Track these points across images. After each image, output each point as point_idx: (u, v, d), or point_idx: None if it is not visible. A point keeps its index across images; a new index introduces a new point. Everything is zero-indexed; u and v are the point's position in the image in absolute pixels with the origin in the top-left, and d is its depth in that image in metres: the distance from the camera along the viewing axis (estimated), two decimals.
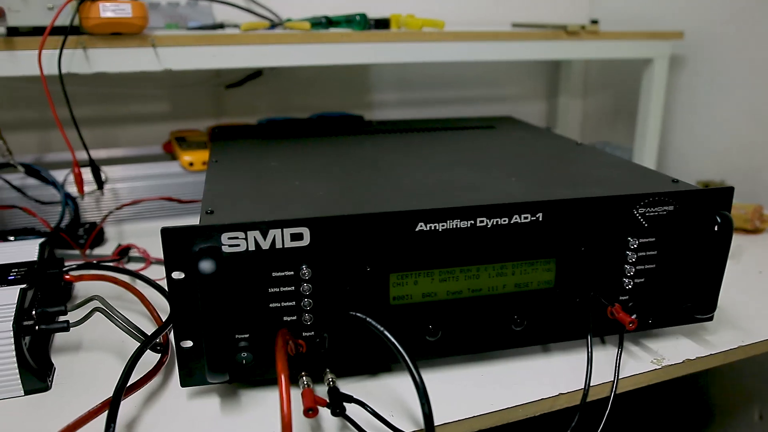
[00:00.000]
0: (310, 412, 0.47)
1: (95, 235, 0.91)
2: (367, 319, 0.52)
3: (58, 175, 0.96)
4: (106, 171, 1.01)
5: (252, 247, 0.52)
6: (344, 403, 0.50)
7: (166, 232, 0.50)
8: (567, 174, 0.68)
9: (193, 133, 1.15)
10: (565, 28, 1.11)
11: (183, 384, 0.54)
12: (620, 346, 0.61)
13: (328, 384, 0.51)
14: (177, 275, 0.51)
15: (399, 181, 0.65)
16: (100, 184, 0.92)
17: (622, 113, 1.43)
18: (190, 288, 0.51)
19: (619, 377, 0.58)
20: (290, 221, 0.52)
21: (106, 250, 0.92)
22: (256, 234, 0.51)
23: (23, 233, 0.88)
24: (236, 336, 0.54)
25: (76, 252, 0.87)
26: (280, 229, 0.52)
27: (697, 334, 0.66)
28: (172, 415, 0.54)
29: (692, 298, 0.62)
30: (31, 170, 0.96)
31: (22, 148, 1.12)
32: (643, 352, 0.63)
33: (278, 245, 0.52)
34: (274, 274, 0.53)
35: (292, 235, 0.52)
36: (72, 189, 0.94)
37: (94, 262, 0.76)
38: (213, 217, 0.53)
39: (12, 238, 0.85)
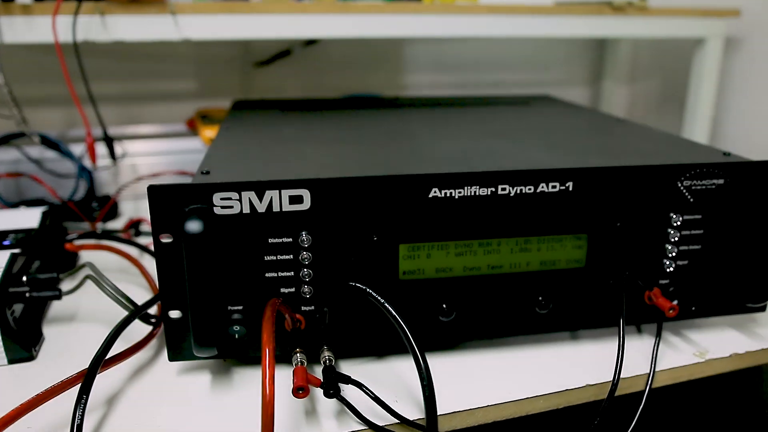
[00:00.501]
0: (300, 392, 0.42)
1: (109, 208, 0.87)
2: (368, 290, 0.47)
3: (79, 149, 0.94)
4: (125, 145, 0.98)
5: (247, 210, 0.47)
6: (341, 385, 0.45)
7: (153, 191, 0.46)
8: (604, 145, 0.61)
9: (218, 110, 1.12)
10: (610, 3, 1.04)
11: (171, 358, 0.50)
12: (658, 335, 0.54)
13: (324, 362, 0.46)
14: (165, 238, 0.47)
15: (417, 148, 0.59)
16: (113, 155, 0.89)
17: (671, 100, 1.34)
18: (179, 253, 0.47)
19: (656, 370, 0.52)
20: (289, 182, 0.47)
21: (120, 224, 0.88)
22: (251, 195, 0.47)
23: (34, 204, 0.86)
24: (228, 307, 0.49)
25: (88, 226, 0.84)
26: (277, 191, 0.47)
27: (747, 326, 0.59)
28: (158, 391, 0.49)
29: (742, 284, 0.55)
30: (50, 143, 0.94)
31: (49, 123, 1.10)
32: (684, 343, 0.56)
33: (275, 208, 0.47)
34: (270, 240, 0.48)
35: (291, 197, 0.47)
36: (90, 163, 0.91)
37: (99, 232, 0.72)
38: (207, 178, 0.48)
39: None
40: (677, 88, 1.31)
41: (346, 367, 0.52)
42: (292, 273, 0.49)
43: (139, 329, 0.55)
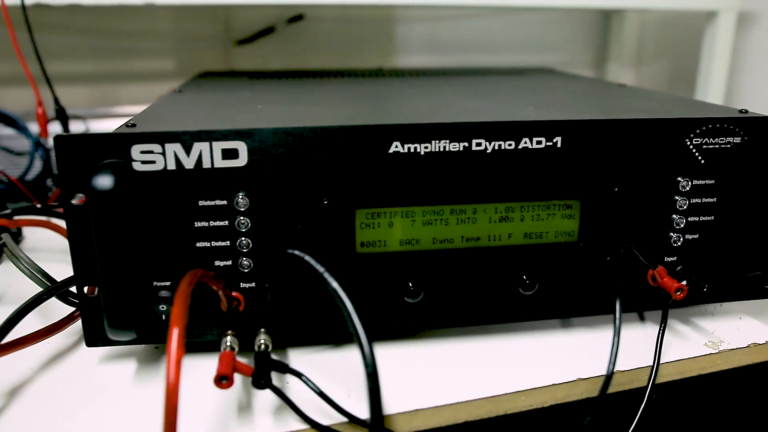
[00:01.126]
0: (224, 381, 0.34)
1: None
2: (306, 257, 0.39)
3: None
4: (100, 125, 0.92)
5: (172, 166, 0.39)
6: (285, 376, 0.37)
7: (60, 141, 0.38)
8: (602, 105, 0.53)
9: None
10: None
11: (88, 343, 0.43)
12: (663, 321, 0.46)
13: (258, 348, 0.39)
14: (77, 200, 0.39)
15: (383, 105, 0.51)
16: (66, 127, 0.81)
17: (680, 83, 1.26)
18: None
19: (661, 362, 0.44)
20: (221, 132, 0.39)
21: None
22: (176, 148, 0.39)
23: None
24: (153, 283, 0.42)
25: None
26: (207, 143, 0.39)
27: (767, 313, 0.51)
28: (72, 381, 0.42)
29: (762, 264, 0.47)
30: (6, 119, 0.87)
31: (21, 102, 1.03)
32: (695, 332, 0.48)
33: (206, 164, 0.40)
34: (201, 203, 0.40)
35: (224, 151, 0.39)
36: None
37: (38, 206, 0.65)
38: (129, 130, 0.41)
39: None
40: (686, 70, 1.23)
41: (296, 357, 0.44)
42: (228, 242, 0.41)
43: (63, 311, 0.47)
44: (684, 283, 0.46)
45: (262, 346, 0.39)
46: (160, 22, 1.07)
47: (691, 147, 0.44)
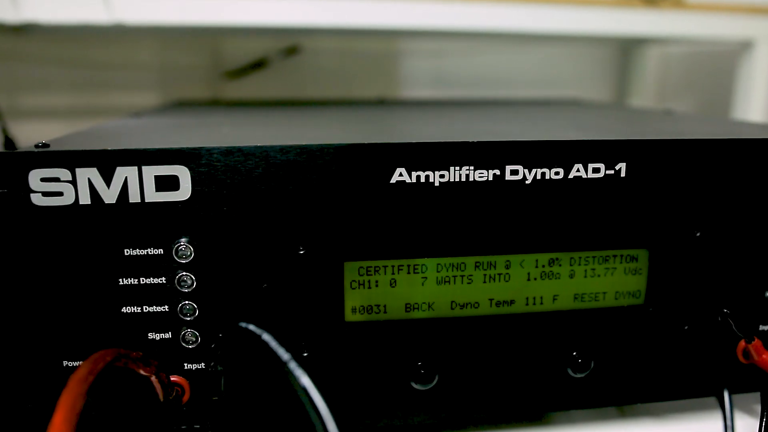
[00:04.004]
0: None
1: None
2: (264, 336, 0.27)
3: None
4: None
5: (86, 199, 0.28)
6: None
7: None
8: (660, 129, 0.42)
9: None
10: None
11: None
12: (765, 412, 0.34)
13: None
14: None
15: (384, 127, 0.40)
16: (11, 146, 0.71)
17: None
18: None
19: None
20: (153, 153, 0.27)
21: None
22: (91, 174, 0.28)
23: None
24: (64, 364, 0.30)
25: None
26: (135, 168, 0.28)
27: None
28: None
29: None
30: None
31: None
32: None
33: (134, 197, 0.28)
34: (127, 251, 0.29)
35: (158, 179, 0.28)
36: None
37: None
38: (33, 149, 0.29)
39: None
40: (715, 109, 1.13)
41: None
42: (166, 308, 0.29)
43: None
44: None
45: None
46: (142, 52, 0.98)
47: None
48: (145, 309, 0.29)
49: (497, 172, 0.30)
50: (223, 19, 0.74)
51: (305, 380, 0.23)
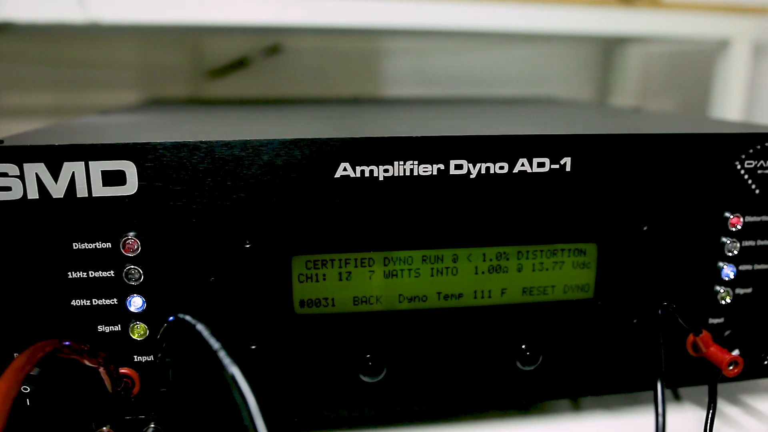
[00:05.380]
0: None
1: None
2: (198, 326, 0.27)
3: None
4: None
5: (34, 194, 0.28)
6: None
7: None
8: (619, 123, 0.42)
9: None
10: None
11: None
12: (712, 404, 0.34)
13: None
14: None
15: (341, 124, 0.41)
16: None
17: None
18: None
19: None
20: (100, 148, 0.28)
21: None
22: (38, 169, 0.28)
23: None
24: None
25: None
26: (82, 163, 0.28)
27: None
28: None
29: None
30: None
31: None
32: (752, 418, 0.36)
33: (81, 192, 0.28)
34: (76, 245, 0.29)
35: (105, 174, 0.28)
36: None
37: None
38: None
39: None
40: (696, 108, 1.13)
41: None
42: (114, 300, 0.30)
43: None
44: (737, 353, 0.34)
45: None
46: (123, 50, 0.98)
47: (743, 172, 0.33)
48: (94, 302, 0.30)
49: (441, 166, 0.30)
50: (202, 19, 0.74)
51: (233, 369, 0.24)
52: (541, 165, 0.31)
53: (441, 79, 1.15)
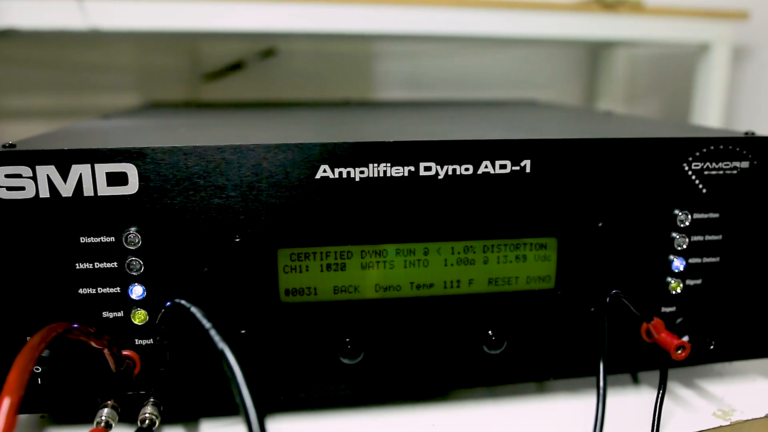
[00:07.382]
0: None
1: None
2: (192, 309, 0.31)
3: None
4: None
5: (45, 193, 0.32)
6: None
7: None
8: (582, 127, 0.46)
9: None
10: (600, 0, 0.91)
11: None
12: (662, 385, 0.38)
13: (142, 423, 0.30)
14: None
15: (322, 128, 0.44)
16: None
17: (674, 120, 1.19)
18: None
19: None
20: (105, 152, 0.31)
21: None
22: (49, 171, 0.31)
23: None
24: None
25: None
26: (88, 165, 0.31)
27: None
28: None
29: None
30: None
31: None
32: (700, 398, 0.40)
33: (88, 191, 0.32)
34: (83, 239, 0.32)
35: (109, 175, 0.32)
36: None
37: None
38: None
39: None
40: (681, 109, 1.16)
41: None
42: (118, 289, 0.33)
43: None
44: (686, 339, 0.38)
45: (147, 421, 0.30)
46: (122, 54, 1.01)
47: (690, 173, 0.36)
48: (99, 291, 0.33)
49: (412, 168, 0.34)
50: (199, 26, 0.77)
51: (222, 345, 0.27)
52: (503, 167, 0.35)
53: (431, 82, 1.17)
